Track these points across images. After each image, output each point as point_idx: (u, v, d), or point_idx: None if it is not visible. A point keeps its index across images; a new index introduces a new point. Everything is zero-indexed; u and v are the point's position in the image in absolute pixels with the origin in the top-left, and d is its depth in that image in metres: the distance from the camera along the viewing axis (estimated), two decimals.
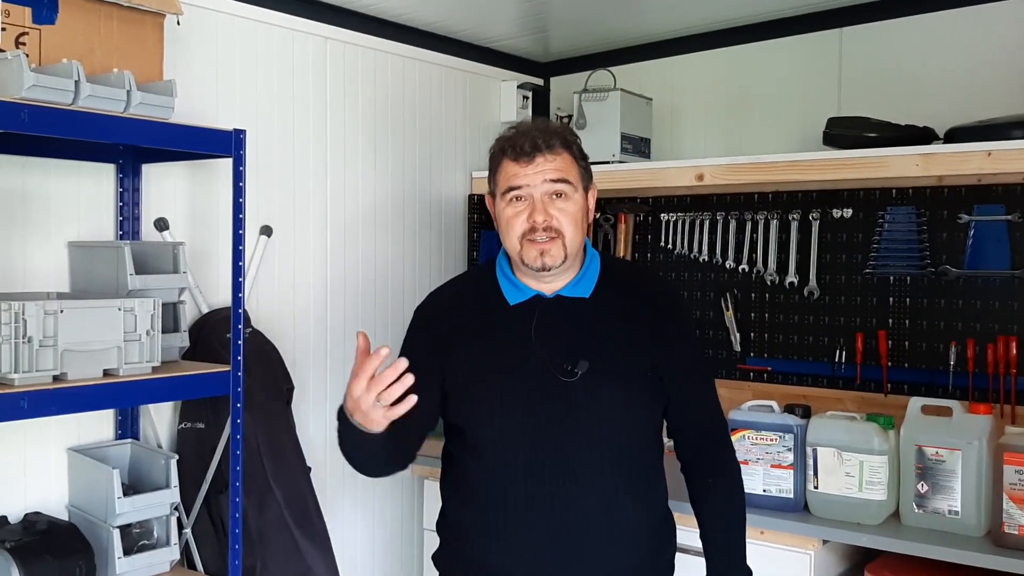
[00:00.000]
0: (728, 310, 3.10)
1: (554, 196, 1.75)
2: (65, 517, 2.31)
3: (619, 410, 1.77)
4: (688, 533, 1.96)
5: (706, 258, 3.15)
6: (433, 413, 1.85)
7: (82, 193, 2.36)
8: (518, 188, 1.75)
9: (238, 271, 2.22)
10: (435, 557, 1.95)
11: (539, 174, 1.74)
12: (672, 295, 2.03)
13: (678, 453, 1.92)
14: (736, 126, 3.21)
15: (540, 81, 3.67)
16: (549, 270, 1.76)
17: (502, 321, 1.82)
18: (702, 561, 2.37)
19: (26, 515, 2.22)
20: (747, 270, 3.08)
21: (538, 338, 1.78)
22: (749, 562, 1.90)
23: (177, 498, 2.29)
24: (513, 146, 1.77)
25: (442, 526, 1.93)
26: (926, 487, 2.29)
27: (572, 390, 1.74)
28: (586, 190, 1.82)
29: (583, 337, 1.79)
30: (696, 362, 1.93)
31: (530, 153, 1.74)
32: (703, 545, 1.89)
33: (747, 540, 1.91)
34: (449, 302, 1.93)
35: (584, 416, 1.74)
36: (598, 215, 3.26)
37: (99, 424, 2.42)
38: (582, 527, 1.74)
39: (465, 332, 1.84)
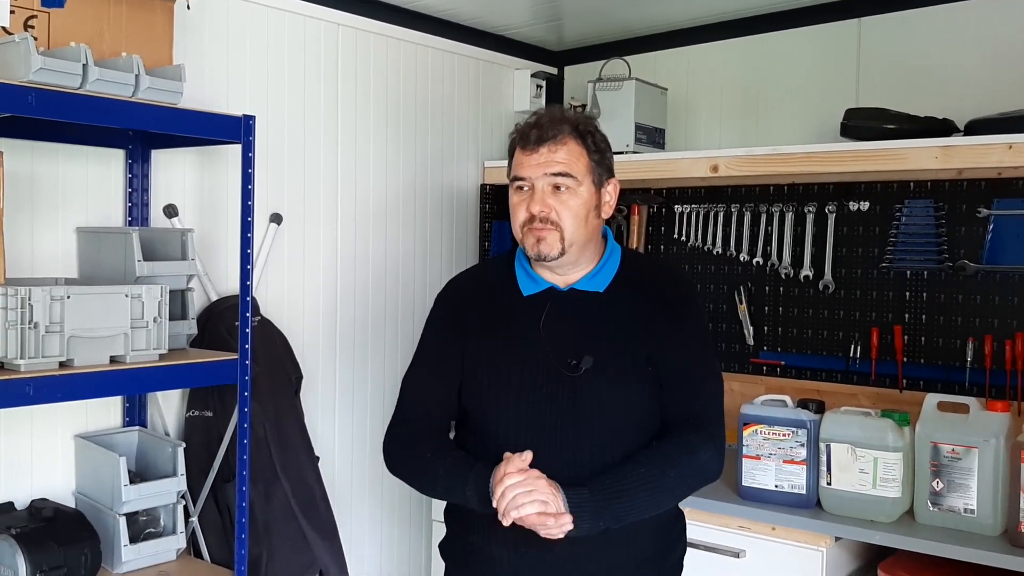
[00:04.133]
0: (741, 303, 3.07)
1: (556, 188, 1.73)
2: (71, 504, 2.30)
3: (621, 407, 1.74)
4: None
5: (720, 250, 3.12)
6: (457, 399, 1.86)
7: (91, 178, 2.35)
8: (522, 179, 1.76)
9: (247, 259, 2.20)
10: (441, 546, 1.94)
11: (540, 166, 1.74)
12: (681, 288, 1.92)
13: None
14: (752, 117, 3.18)
15: (554, 70, 3.63)
16: (545, 259, 1.75)
17: (514, 311, 1.81)
18: (711, 557, 2.36)
19: (32, 502, 2.22)
20: (761, 263, 3.04)
21: (546, 331, 1.77)
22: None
23: (184, 486, 2.29)
24: (522, 135, 1.77)
25: (449, 514, 1.92)
26: (941, 485, 2.26)
27: (575, 385, 1.73)
28: (597, 184, 1.78)
29: (590, 333, 1.77)
30: (693, 355, 1.81)
31: (535, 144, 1.74)
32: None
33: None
34: (468, 289, 1.93)
35: (585, 412, 1.73)
36: None
37: (106, 411, 2.41)
38: None
39: (480, 320, 1.84)
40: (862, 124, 2.65)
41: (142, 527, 2.26)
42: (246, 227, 2.19)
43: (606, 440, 1.72)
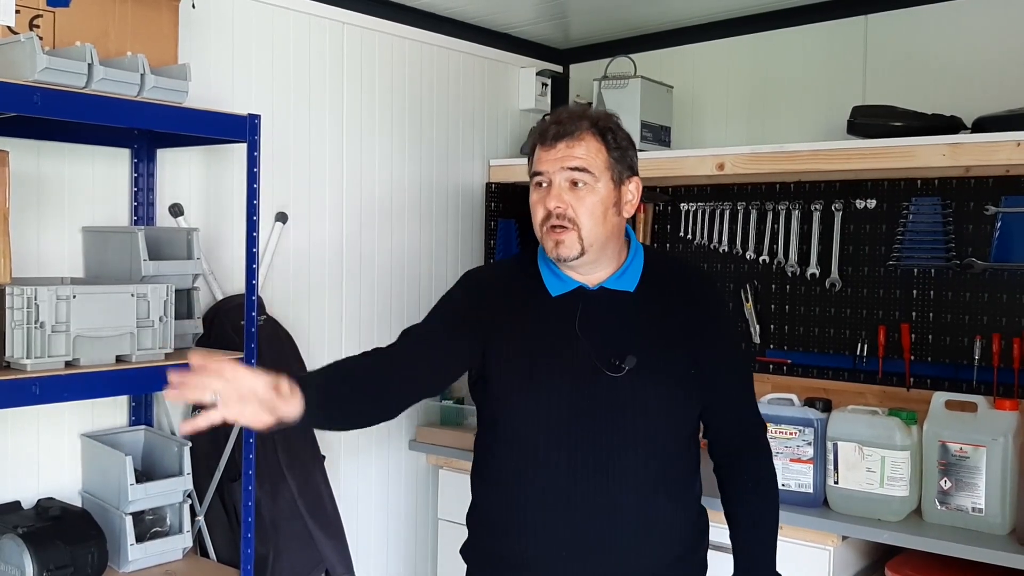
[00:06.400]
0: (748, 301, 3.06)
1: (573, 184, 1.71)
2: (78, 503, 2.30)
3: (663, 408, 1.73)
4: (721, 530, 1.92)
5: (726, 248, 3.11)
6: (446, 376, 1.82)
7: (97, 178, 2.35)
8: (540, 174, 1.73)
9: (252, 258, 2.20)
10: (463, 550, 1.91)
11: (557, 161, 1.71)
12: (715, 292, 1.96)
13: (712, 453, 1.88)
14: (758, 115, 3.17)
15: (559, 68, 3.63)
16: (565, 261, 1.72)
17: (544, 312, 1.77)
18: (717, 556, 2.34)
19: (39, 501, 2.22)
20: (768, 261, 3.03)
21: (582, 331, 1.74)
22: None
23: (190, 486, 2.29)
24: (541, 131, 1.75)
25: (473, 519, 1.88)
26: (949, 483, 2.25)
27: (616, 386, 1.71)
28: (617, 181, 1.75)
29: (628, 332, 1.75)
30: (736, 361, 1.89)
31: (553, 139, 1.72)
32: (733, 547, 1.85)
33: None
34: (494, 283, 1.88)
35: (628, 413, 1.71)
36: None
37: (113, 410, 2.41)
38: (617, 524, 1.71)
39: (506, 320, 1.79)
40: (869, 121, 2.64)
41: (148, 526, 2.26)
42: (252, 226, 2.19)
43: (647, 440, 1.72)
